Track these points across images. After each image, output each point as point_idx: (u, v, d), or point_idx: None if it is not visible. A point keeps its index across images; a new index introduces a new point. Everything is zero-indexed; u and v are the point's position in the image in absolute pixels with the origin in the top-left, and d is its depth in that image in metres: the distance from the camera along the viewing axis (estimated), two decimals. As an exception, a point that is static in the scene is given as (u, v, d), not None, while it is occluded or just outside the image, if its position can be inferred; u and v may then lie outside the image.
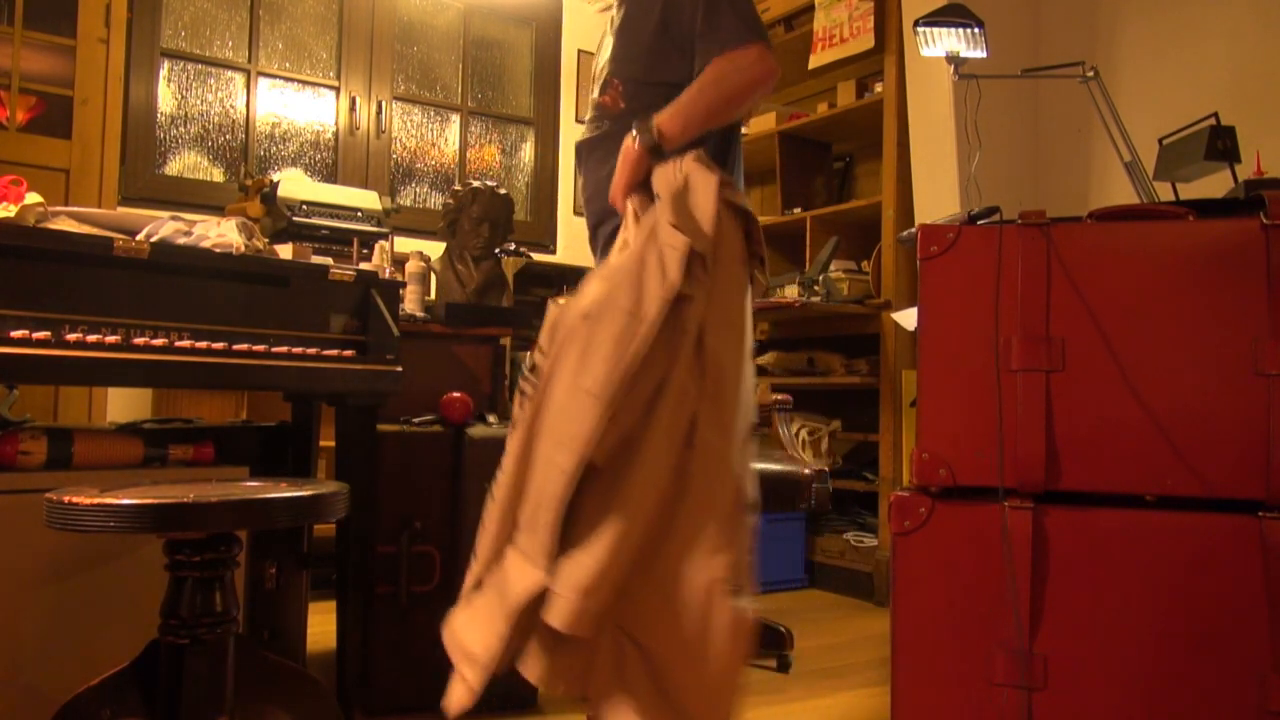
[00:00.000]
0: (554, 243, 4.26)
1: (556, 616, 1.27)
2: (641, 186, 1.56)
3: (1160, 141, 2.10)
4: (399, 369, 1.80)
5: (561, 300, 2.71)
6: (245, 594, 1.85)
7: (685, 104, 1.59)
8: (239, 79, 3.66)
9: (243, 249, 1.71)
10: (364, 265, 2.51)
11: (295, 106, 3.77)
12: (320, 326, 1.77)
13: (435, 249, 2.81)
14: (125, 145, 3.33)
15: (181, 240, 1.68)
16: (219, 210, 3.07)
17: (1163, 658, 1.47)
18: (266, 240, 1.89)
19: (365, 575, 1.90)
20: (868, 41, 3.29)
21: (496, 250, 2.68)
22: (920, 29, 2.22)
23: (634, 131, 1.56)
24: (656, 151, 1.54)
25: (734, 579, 1.33)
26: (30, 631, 1.58)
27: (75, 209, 1.68)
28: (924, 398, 1.64)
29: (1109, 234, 1.58)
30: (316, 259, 2.07)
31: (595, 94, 1.80)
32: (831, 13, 3.46)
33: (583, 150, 1.81)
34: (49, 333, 1.41)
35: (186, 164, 3.54)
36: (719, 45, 1.63)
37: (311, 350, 1.70)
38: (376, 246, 2.65)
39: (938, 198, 3.03)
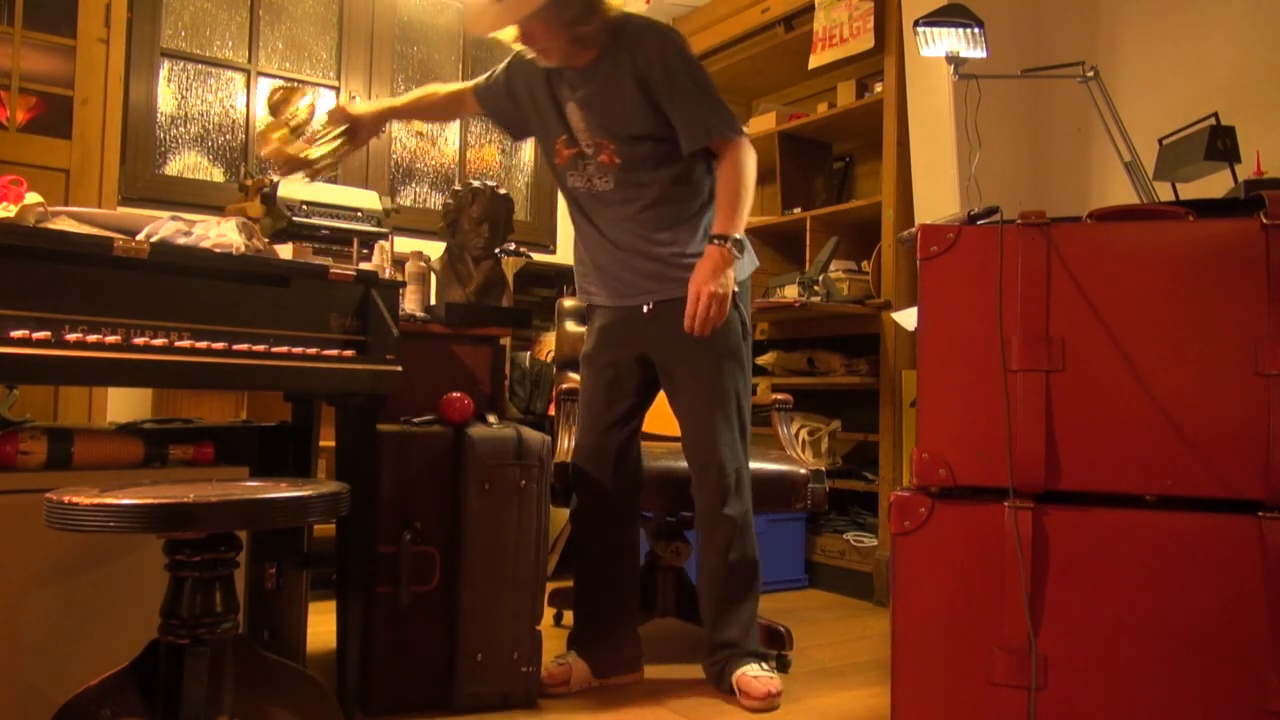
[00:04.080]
0: (554, 243, 4.26)
1: None
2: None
3: (1160, 141, 2.10)
4: (399, 369, 1.80)
5: (567, 302, 2.99)
6: (245, 594, 1.84)
7: (737, 204, 2.00)
8: (239, 79, 3.66)
9: (243, 249, 1.71)
10: (364, 265, 2.51)
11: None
12: (320, 326, 1.77)
13: (435, 249, 2.80)
14: (125, 145, 3.33)
15: (181, 240, 1.68)
16: (219, 210, 3.06)
17: (1163, 658, 1.47)
18: (266, 240, 1.89)
19: (365, 575, 1.90)
20: (868, 41, 3.29)
21: (496, 250, 2.68)
22: (920, 29, 2.22)
23: (723, 243, 1.96)
24: (740, 247, 2.00)
25: None
26: (30, 631, 1.58)
27: (75, 209, 1.68)
28: (924, 398, 1.64)
29: (1109, 234, 1.58)
30: (316, 259, 2.08)
31: (589, 153, 2.10)
32: (831, 13, 3.46)
33: (595, 200, 2.14)
34: (49, 333, 1.41)
35: (186, 164, 3.54)
36: (729, 130, 2.04)
37: (311, 350, 1.70)
38: (376, 246, 2.65)
39: (938, 198, 3.03)
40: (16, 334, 1.38)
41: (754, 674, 2.09)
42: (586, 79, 2.07)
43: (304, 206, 2.86)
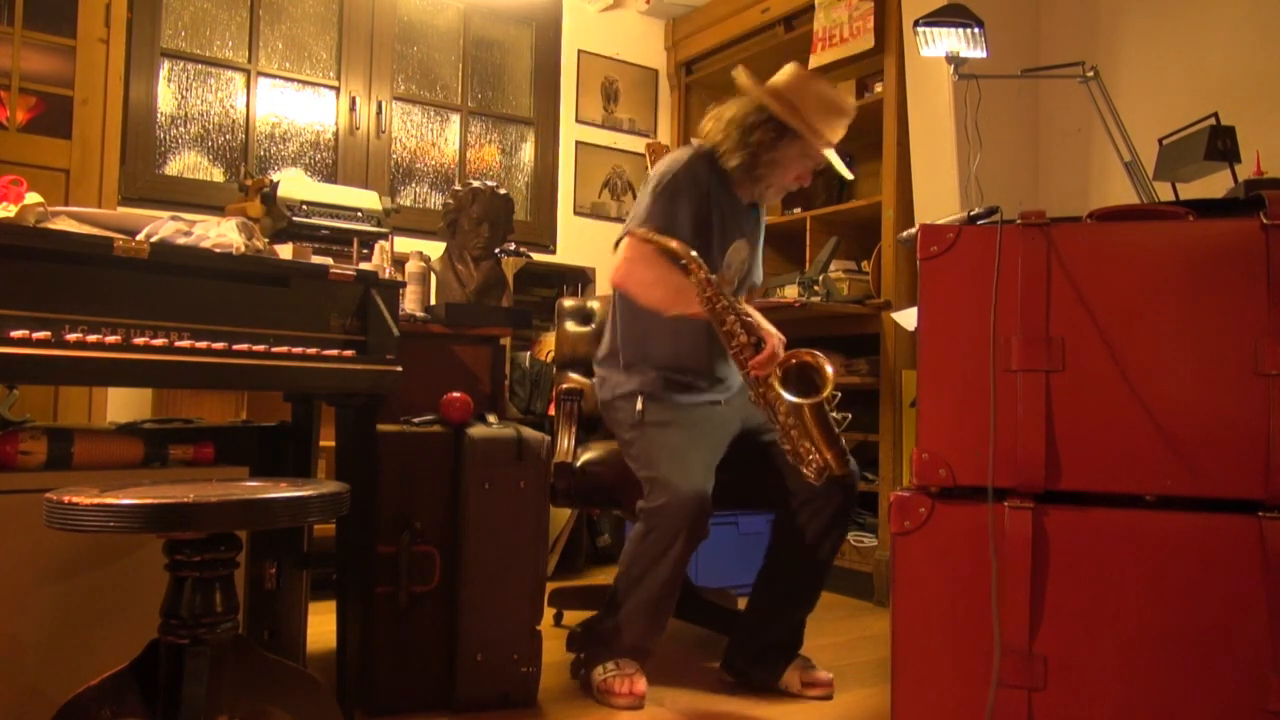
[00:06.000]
0: (554, 243, 4.26)
1: None
2: None
3: (1160, 141, 2.10)
4: (399, 369, 1.80)
5: (567, 302, 2.89)
6: (245, 594, 1.85)
7: None
8: (239, 79, 3.66)
9: (243, 249, 1.71)
10: (364, 265, 2.51)
11: (295, 106, 3.76)
12: (320, 326, 1.77)
13: (435, 249, 2.81)
14: (125, 145, 3.33)
15: (181, 240, 1.68)
16: (219, 210, 3.06)
17: (1163, 658, 1.47)
18: (266, 240, 1.89)
19: (365, 575, 1.90)
20: (868, 41, 3.29)
21: (496, 250, 2.69)
22: (920, 29, 2.22)
23: None
24: None
25: None
26: (30, 631, 1.58)
27: (75, 209, 1.68)
28: (924, 398, 1.64)
29: (1109, 234, 1.58)
30: (316, 259, 2.07)
31: (716, 281, 2.12)
32: (831, 13, 3.46)
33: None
34: (49, 333, 1.41)
35: (186, 164, 3.54)
36: None
37: (311, 350, 1.70)
38: (376, 246, 2.65)
39: (938, 198, 3.03)
40: (16, 334, 1.38)
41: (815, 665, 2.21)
42: (754, 224, 2.30)
43: (304, 206, 2.86)
